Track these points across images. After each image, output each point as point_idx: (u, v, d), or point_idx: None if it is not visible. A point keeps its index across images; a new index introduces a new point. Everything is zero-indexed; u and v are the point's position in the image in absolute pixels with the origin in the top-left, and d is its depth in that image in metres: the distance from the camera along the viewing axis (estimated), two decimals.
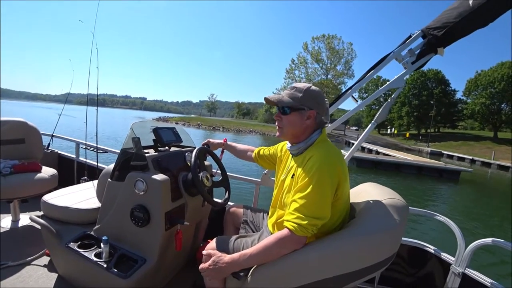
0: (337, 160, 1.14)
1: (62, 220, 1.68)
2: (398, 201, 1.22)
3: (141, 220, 1.39)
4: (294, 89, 1.22)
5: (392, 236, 1.12)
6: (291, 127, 1.23)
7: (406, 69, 1.85)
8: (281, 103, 1.21)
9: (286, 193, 1.22)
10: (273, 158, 1.64)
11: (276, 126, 1.29)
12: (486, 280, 1.51)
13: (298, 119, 1.21)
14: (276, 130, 1.31)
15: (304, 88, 1.20)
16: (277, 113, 1.26)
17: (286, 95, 1.22)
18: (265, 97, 1.27)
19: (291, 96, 1.20)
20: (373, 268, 1.09)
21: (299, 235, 1.04)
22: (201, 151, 1.65)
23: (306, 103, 1.20)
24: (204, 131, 39.41)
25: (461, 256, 1.63)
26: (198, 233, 1.92)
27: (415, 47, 1.84)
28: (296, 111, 1.21)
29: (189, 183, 1.56)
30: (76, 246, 1.49)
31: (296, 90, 1.21)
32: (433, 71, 52.63)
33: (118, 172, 1.50)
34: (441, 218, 1.76)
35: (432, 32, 1.74)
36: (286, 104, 1.20)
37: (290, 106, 1.20)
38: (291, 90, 1.23)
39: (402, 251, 1.95)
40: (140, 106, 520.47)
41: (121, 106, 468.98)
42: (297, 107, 1.20)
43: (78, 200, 1.79)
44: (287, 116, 1.22)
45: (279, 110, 1.25)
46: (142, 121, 1.65)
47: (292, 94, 1.21)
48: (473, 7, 1.57)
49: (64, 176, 2.79)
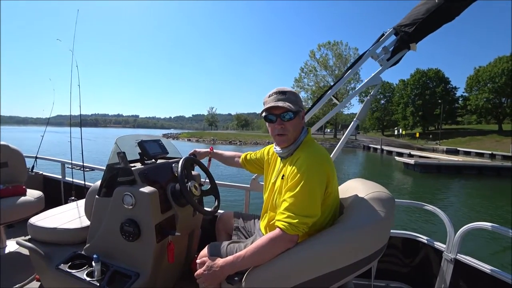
0: (325, 159, 1.18)
1: (51, 241, 1.65)
2: (383, 193, 1.25)
3: (131, 234, 1.39)
4: (286, 94, 1.23)
5: (380, 228, 1.15)
6: (295, 131, 1.25)
7: (382, 66, 1.95)
8: (291, 109, 1.20)
9: (278, 195, 1.26)
10: (261, 162, 1.66)
11: (275, 135, 1.27)
12: (477, 263, 1.59)
13: (298, 122, 1.26)
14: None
15: (293, 91, 1.26)
16: (278, 121, 1.24)
17: (286, 101, 1.21)
18: (276, 105, 1.21)
19: (290, 101, 1.21)
20: (366, 261, 1.13)
21: (291, 233, 1.06)
22: (187, 161, 1.66)
23: (300, 104, 1.26)
24: (221, 146, 39.31)
25: (452, 242, 1.69)
26: (192, 243, 1.90)
27: (389, 45, 1.93)
28: (297, 114, 1.24)
29: (178, 194, 1.57)
30: (67, 267, 1.46)
31: (290, 93, 1.24)
32: (433, 70, 54.57)
33: (106, 188, 1.51)
34: (429, 208, 1.84)
35: (403, 29, 1.83)
36: (293, 109, 1.20)
37: (294, 111, 1.21)
38: (284, 95, 1.23)
39: (395, 243, 2.01)
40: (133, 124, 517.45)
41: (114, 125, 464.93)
42: (298, 110, 1.23)
43: (66, 220, 1.76)
44: (292, 121, 1.23)
45: (280, 118, 1.23)
46: (126, 135, 1.73)
47: (289, 98, 1.22)
48: (439, 3, 1.67)
49: (50, 197, 2.78)
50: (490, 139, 40.63)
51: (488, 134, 43.43)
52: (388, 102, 65.26)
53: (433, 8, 1.70)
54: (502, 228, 1.50)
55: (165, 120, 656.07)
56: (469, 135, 45.23)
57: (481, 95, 45.73)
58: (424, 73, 54.49)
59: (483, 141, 40.24)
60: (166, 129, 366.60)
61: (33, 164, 3.25)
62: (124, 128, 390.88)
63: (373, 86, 1.99)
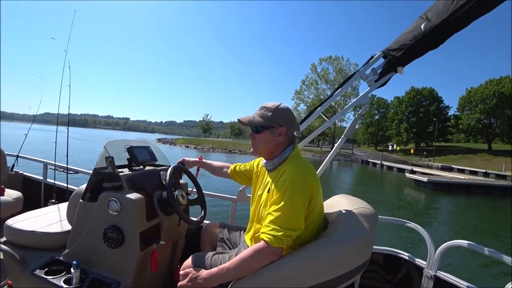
0: (309, 174, 1.22)
1: (28, 245, 1.60)
2: (367, 210, 1.30)
3: (114, 241, 1.37)
4: (264, 109, 1.31)
5: (363, 243, 1.19)
6: (264, 145, 1.32)
7: (370, 86, 2.05)
8: (252, 123, 1.31)
9: (263, 207, 1.29)
10: (250, 173, 1.69)
11: (251, 144, 1.38)
12: (456, 280, 1.64)
13: (270, 136, 1.30)
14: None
15: (273, 107, 1.30)
16: (250, 132, 1.35)
17: (257, 115, 1.31)
18: (238, 119, 1.36)
19: (262, 115, 1.29)
20: (348, 275, 1.16)
21: (275, 246, 1.09)
22: (176, 169, 1.66)
23: (276, 121, 1.29)
24: (221, 155, 39.01)
25: (432, 259, 1.72)
26: (175, 253, 1.89)
27: (377, 67, 2.03)
28: (267, 129, 1.29)
29: (164, 202, 1.57)
30: (43, 273, 1.41)
31: (266, 109, 1.30)
32: (428, 89, 56.61)
33: (91, 193, 1.49)
34: (411, 225, 1.88)
35: (391, 53, 1.94)
36: (258, 124, 1.29)
37: (262, 125, 1.29)
38: (261, 110, 1.32)
39: (377, 259, 2.04)
40: (124, 126, 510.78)
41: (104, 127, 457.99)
42: (268, 125, 1.29)
43: (45, 224, 1.71)
44: (260, 135, 1.31)
45: (252, 130, 1.35)
46: (116, 140, 1.74)
47: (263, 114, 1.30)
48: (425, 31, 1.79)
49: (30, 199, 2.67)
50: (480, 158, 42.16)
51: (478, 153, 45.06)
52: (382, 118, 66.88)
53: (419, 36, 1.82)
54: (478, 246, 1.56)
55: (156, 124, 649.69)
56: (459, 153, 46.86)
57: (473, 115, 47.56)
58: (419, 91, 56.56)
59: (474, 159, 41.69)
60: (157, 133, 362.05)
61: (13, 163, 3.12)
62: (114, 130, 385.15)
63: (362, 104, 2.09)
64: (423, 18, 1.85)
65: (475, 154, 44.46)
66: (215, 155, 38.66)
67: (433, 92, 56.54)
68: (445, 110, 57.21)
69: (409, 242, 6.95)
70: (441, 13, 1.72)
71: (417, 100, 56.04)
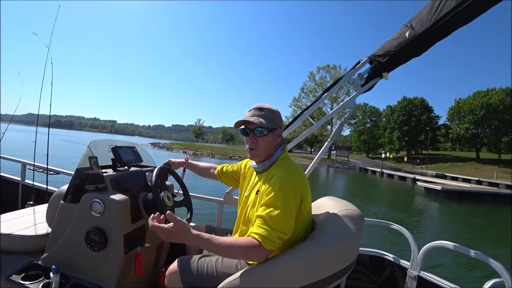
0: (299, 176, 1.23)
1: (4, 249, 1.54)
2: (354, 211, 1.31)
3: (97, 243, 1.33)
4: (263, 111, 1.29)
5: (350, 244, 1.20)
6: (266, 147, 1.30)
7: (356, 91, 2.10)
8: (263, 125, 1.26)
9: (251, 209, 1.29)
10: (237, 174, 1.67)
11: (247, 148, 1.33)
12: (438, 280, 1.68)
13: (272, 139, 1.30)
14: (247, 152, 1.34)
15: (272, 108, 1.31)
16: (251, 136, 1.29)
17: (259, 117, 1.27)
18: (247, 119, 1.27)
19: (265, 117, 1.27)
20: (335, 277, 1.16)
21: (267, 247, 1.08)
22: (162, 170, 1.63)
23: (277, 122, 1.30)
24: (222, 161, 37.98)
25: (415, 260, 1.77)
26: (160, 256, 1.84)
27: (363, 72, 2.09)
28: (271, 131, 1.29)
29: (150, 203, 1.52)
30: (20, 278, 1.35)
31: (267, 111, 1.29)
32: (419, 99, 58.28)
33: (72, 194, 1.44)
34: (395, 227, 1.93)
35: (377, 58, 1.98)
36: (266, 126, 1.26)
37: (268, 127, 1.27)
38: (261, 112, 1.29)
39: (363, 260, 2.08)
40: (111, 129, 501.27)
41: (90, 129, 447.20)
42: (272, 127, 1.28)
43: (22, 226, 1.65)
44: (264, 137, 1.28)
45: (252, 133, 1.29)
46: (100, 139, 1.70)
47: (265, 115, 1.28)
48: (409, 39, 1.84)
49: (6, 201, 2.61)
50: (469, 166, 43.67)
51: (467, 161, 46.65)
52: (374, 126, 68.51)
53: (404, 43, 1.88)
54: (461, 247, 1.61)
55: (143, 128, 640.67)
56: (449, 161, 48.35)
57: (462, 125, 49.44)
58: (411, 101, 58.35)
59: (463, 168, 43.10)
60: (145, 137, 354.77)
61: None
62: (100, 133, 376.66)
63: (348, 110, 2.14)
64: (407, 26, 1.91)
65: (464, 162, 46.03)
66: (215, 161, 38.26)
67: (424, 102, 58.42)
68: (435, 120, 59.20)
69: (400, 244, 6.87)
70: (425, 22, 1.80)
71: (409, 109, 57.78)
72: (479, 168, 41.62)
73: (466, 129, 48.97)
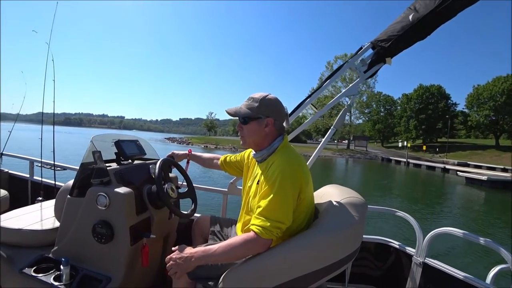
0: (298, 165, 1.24)
1: (16, 244, 1.59)
2: (357, 199, 1.33)
3: (104, 236, 1.37)
4: (251, 100, 1.33)
5: (353, 232, 1.22)
6: (252, 136, 1.34)
7: (359, 77, 2.06)
8: (238, 113, 1.32)
9: (252, 199, 1.32)
10: (240, 164, 1.72)
11: (239, 136, 1.39)
12: (444, 266, 1.72)
13: (257, 127, 1.32)
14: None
15: (260, 97, 1.32)
16: (238, 124, 1.37)
17: (244, 106, 1.33)
18: (226, 110, 1.38)
19: (248, 106, 1.32)
20: (339, 264, 1.18)
21: (265, 238, 1.11)
22: (165, 162, 1.67)
23: (262, 111, 1.30)
24: None
25: (420, 247, 1.79)
26: (167, 247, 1.87)
27: (366, 57, 2.05)
28: (254, 120, 1.31)
29: (154, 195, 1.57)
30: (32, 271, 1.41)
31: (253, 100, 1.32)
32: (436, 87, 57.49)
33: (78, 188, 1.49)
34: (400, 214, 1.94)
35: (380, 43, 1.95)
36: (244, 115, 1.31)
37: (248, 116, 1.31)
38: (248, 101, 1.34)
39: (368, 247, 2.10)
40: (119, 125, 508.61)
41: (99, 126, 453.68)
42: (254, 116, 1.30)
43: (33, 221, 1.70)
44: (247, 126, 1.33)
45: (239, 121, 1.35)
46: (103, 134, 1.72)
47: (249, 104, 1.32)
48: (412, 22, 1.82)
49: (16, 197, 2.68)
50: (490, 154, 43.17)
51: (486, 149, 46.00)
52: (389, 115, 67.76)
53: (407, 27, 1.85)
54: (466, 233, 1.61)
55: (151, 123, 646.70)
56: (467, 149, 47.79)
57: (482, 112, 48.59)
58: (427, 88, 57.58)
59: (484, 155, 42.63)
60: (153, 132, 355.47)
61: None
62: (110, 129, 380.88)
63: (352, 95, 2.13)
64: (411, 8, 1.89)
65: (483, 150, 45.50)
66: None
67: (441, 89, 57.63)
68: (452, 107, 58.41)
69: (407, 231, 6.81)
70: (429, 4, 1.77)
71: (426, 97, 57.18)
72: (500, 155, 41.05)
73: (486, 116, 48.18)
